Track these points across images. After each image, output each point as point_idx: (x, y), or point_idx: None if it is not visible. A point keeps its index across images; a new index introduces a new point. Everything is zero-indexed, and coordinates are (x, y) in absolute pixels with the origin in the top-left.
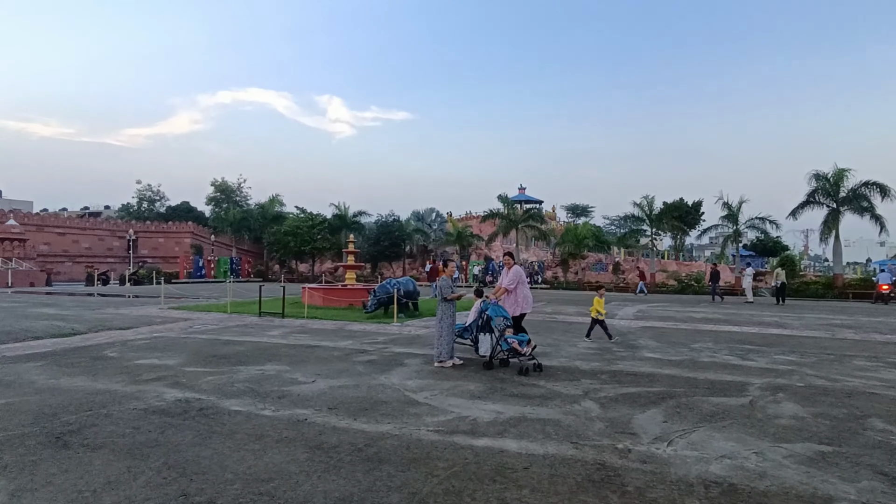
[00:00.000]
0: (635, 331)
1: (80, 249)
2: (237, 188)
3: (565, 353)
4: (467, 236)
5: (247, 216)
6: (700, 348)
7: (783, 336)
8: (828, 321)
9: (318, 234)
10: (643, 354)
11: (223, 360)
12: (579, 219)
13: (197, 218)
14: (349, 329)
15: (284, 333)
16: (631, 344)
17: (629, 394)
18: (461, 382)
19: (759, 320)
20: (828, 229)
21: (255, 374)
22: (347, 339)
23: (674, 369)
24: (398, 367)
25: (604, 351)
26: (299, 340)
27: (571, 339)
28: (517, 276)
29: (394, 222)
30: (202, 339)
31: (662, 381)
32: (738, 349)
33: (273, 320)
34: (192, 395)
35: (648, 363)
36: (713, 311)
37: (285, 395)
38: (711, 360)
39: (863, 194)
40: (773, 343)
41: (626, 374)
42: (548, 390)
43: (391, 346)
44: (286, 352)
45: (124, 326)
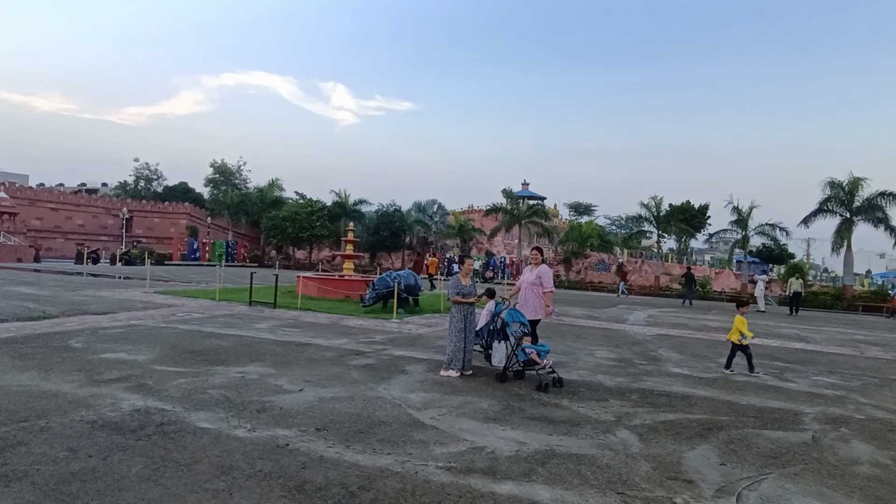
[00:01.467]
0: (652, 339)
1: (74, 226)
2: (236, 170)
3: (583, 363)
4: (469, 230)
5: (245, 199)
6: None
7: (810, 352)
8: (850, 336)
9: (316, 220)
10: (669, 369)
11: (201, 358)
12: (582, 217)
13: (194, 199)
14: (345, 324)
15: (274, 327)
16: (652, 355)
17: (669, 422)
18: (472, 398)
19: (777, 332)
20: (840, 239)
21: (233, 378)
22: (342, 337)
23: (709, 390)
24: (399, 375)
25: (625, 363)
26: (289, 336)
27: (586, 347)
28: (550, 275)
29: (395, 212)
30: (182, 331)
31: (702, 406)
32: (769, 367)
33: (263, 310)
34: (155, 403)
35: (678, 381)
36: (728, 319)
37: (266, 408)
38: (746, 380)
39: (878, 205)
40: (803, 360)
41: (657, 394)
42: (573, 413)
43: (390, 347)
44: (273, 350)
45: (101, 311)
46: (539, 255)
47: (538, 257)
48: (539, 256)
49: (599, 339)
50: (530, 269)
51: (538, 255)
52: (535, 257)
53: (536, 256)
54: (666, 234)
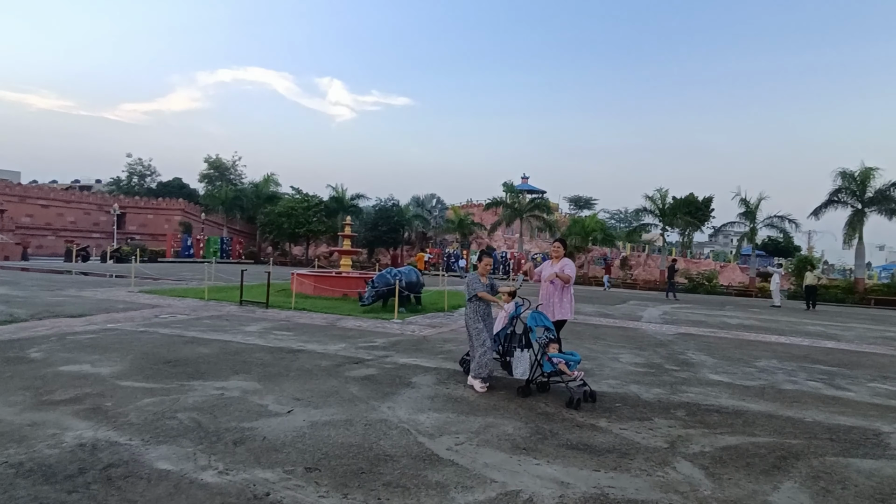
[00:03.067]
0: (675, 339)
1: (65, 223)
2: (232, 166)
3: (610, 370)
4: (468, 224)
5: (240, 195)
6: (768, 367)
7: (847, 352)
8: (879, 333)
9: (313, 216)
10: (707, 376)
11: (176, 370)
12: (582, 211)
13: (189, 195)
14: (342, 326)
15: (264, 330)
16: (682, 359)
17: (733, 449)
18: (494, 420)
19: (802, 329)
20: (852, 231)
21: (211, 397)
22: (339, 341)
23: (761, 402)
24: (404, 390)
25: (656, 369)
26: (280, 341)
27: (608, 350)
28: (573, 268)
29: (393, 207)
30: (161, 336)
31: (762, 425)
32: (814, 371)
33: (255, 311)
34: (108, 434)
35: (722, 391)
36: (747, 316)
37: (245, 438)
38: (797, 389)
39: (891, 195)
40: (847, 363)
41: (705, 409)
42: (617, 438)
43: (393, 352)
44: (261, 359)
45: (76, 314)
46: (562, 247)
47: (561, 250)
48: (562, 249)
49: (620, 339)
50: (551, 265)
51: (561, 248)
52: (556, 250)
53: (559, 249)
54: (671, 226)
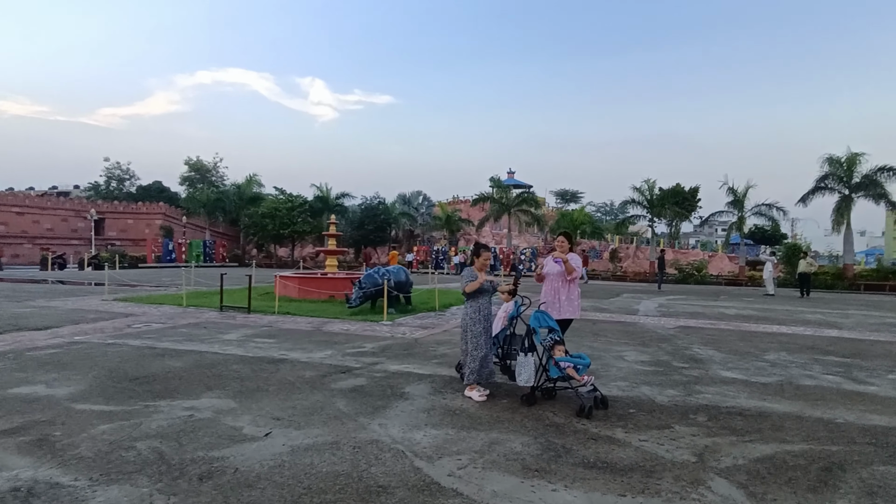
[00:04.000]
0: (677, 333)
1: (41, 230)
2: (213, 168)
3: (616, 370)
4: (456, 221)
5: (222, 197)
6: (779, 361)
7: (854, 342)
8: (879, 320)
9: (298, 216)
10: (719, 373)
11: (142, 388)
12: (569, 205)
13: (170, 199)
14: (328, 330)
15: (244, 338)
16: (689, 355)
17: (768, 459)
18: (499, 435)
19: (801, 318)
20: (840, 217)
21: (178, 420)
22: (325, 348)
23: (784, 402)
24: (397, 403)
25: (664, 367)
26: (261, 350)
27: (611, 347)
28: (579, 262)
29: (379, 205)
30: (130, 349)
31: (792, 429)
32: (827, 363)
33: (236, 316)
34: (50, 473)
35: (740, 390)
36: (743, 305)
37: (213, 472)
38: (816, 384)
39: (877, 180)
40: (857, 353)
41: (726, 412)
42: (639, 452)
43: (383, 359)
44: (238, 371)
45: (41, 326)
46: (567, 241)
47: (566, 244)
48: (566, 243)
49: (620, 335)
50: (554, 260)
51: (565, 242)
52: (561, 244)
53: (563, 243)
54: (659, 217)
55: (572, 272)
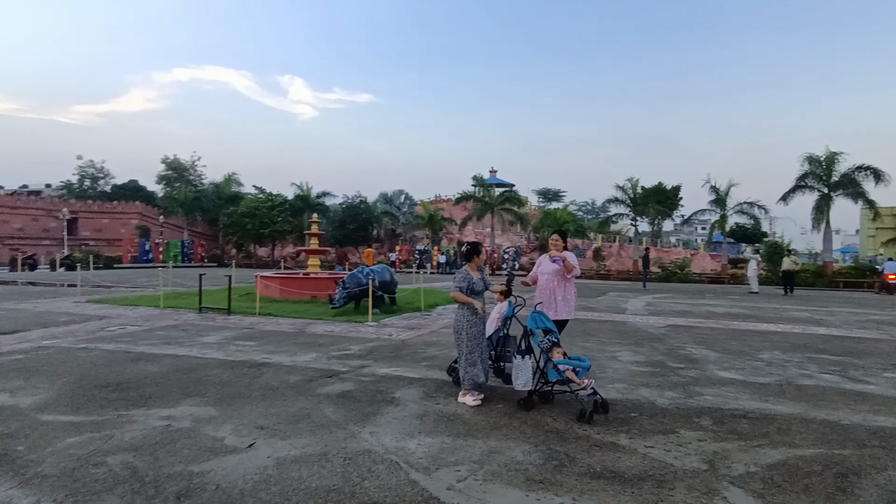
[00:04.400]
0: (668, 333)
1: (11, 230)
2: (191, 166)
3: (613, 371)
4: (439, 220)
5: (200, 196)
6: (774, 360)
7: (843, 339)
8: (864, 317)
9: (278, 215)
10: (716, 373)
11: (115, 396)
12: (551, 203)
13: (146, 198)
14: (312, 332)
15: (224, 341)
16: (683, 355)
17: (780, 465)
18: (498, 443)
19: (788, 316)
20: (820, 215)
21: (154, 430)
22: (309, 351)
23: (786, 403)
24: (388, 409)
25: (660, 367)
26: (242, 353)
27: (604, 347)
28: (576, 260)
29: (360, 204)
30: (104, 353)
31: (799, 432)
32: (822, 362)
33: (215, 318)
34: (8, 493)
35: (740, 391)
36: (729, 304)
37: (192, 490)
38: (816, 384)
39: (855, 179)
40: (850, 351)
41: (730, 415)
42: (645, 460)
43: (371, 362)
44: (218, 376)
45: (8, 330)
46: (561, 239)
47: (560, 243)
48: (561, 242)
49: (611, 335)
50: (550, 260)
51: (560, 241)
52: (556, 243)
53: (558, 242)
54: (642, 216)
55: (571, 270)
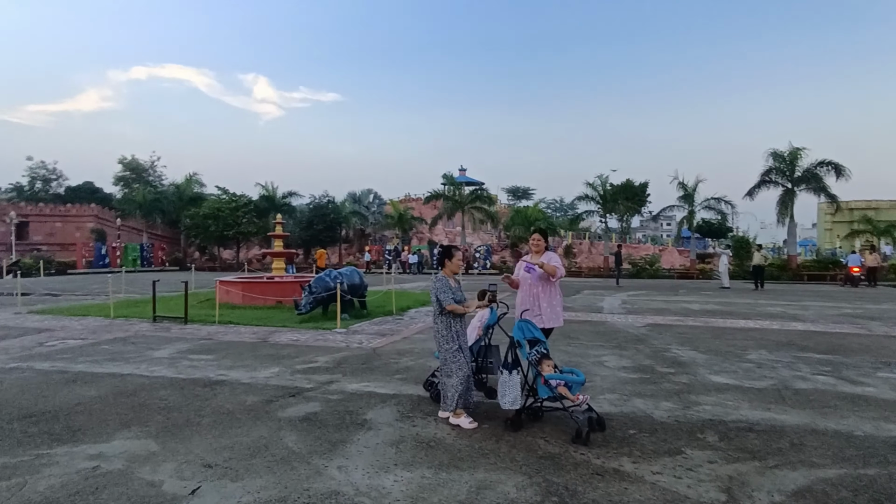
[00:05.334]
0: (649, 333)
1: None
2: (150, 167)
3: (600, 378)
4: (408, 219)
5: (160, 197)
6: (763, 360)
7: (824, 334)
8: (837, 311)
9: (243, 216)
10: (708, 377)
11: (38, 429)
12: (520, 201)
13: (102, 200)
14: (275, 342)
15: (177, 355)
16: (670, 357)
17: (806, 491)
18: (487, 475)
19: (763, 311)
20: (784, 209)
21: (76, 475)
22: (271, 364)
23: (789, 410)
24: (358, 434)
25: (650, 373)
26: (196, 369)
27: (587, 351)
28: (559, 261)
29: (328, 204)
30: (35, 374)
31: (814, 447)
32: (811, 361)
33: (171, 328)
34: None
35: (739, 399)
36: (704, 300)
37: None
38: (813, 387)
39: (817, 174)
40: (834, 348)
41: (735, 428)
42: (656, 490)
43: (339, 375)
44: (165, 399)
45: None
46: (542, 239)
47: (542, 243)
48: (542, 242)
49: (592, 336)
50: (526, 268)
51: (541, 241)
52: (536, 243)
53: (539, 242)
54: (612, 212)
55: (554, 273)
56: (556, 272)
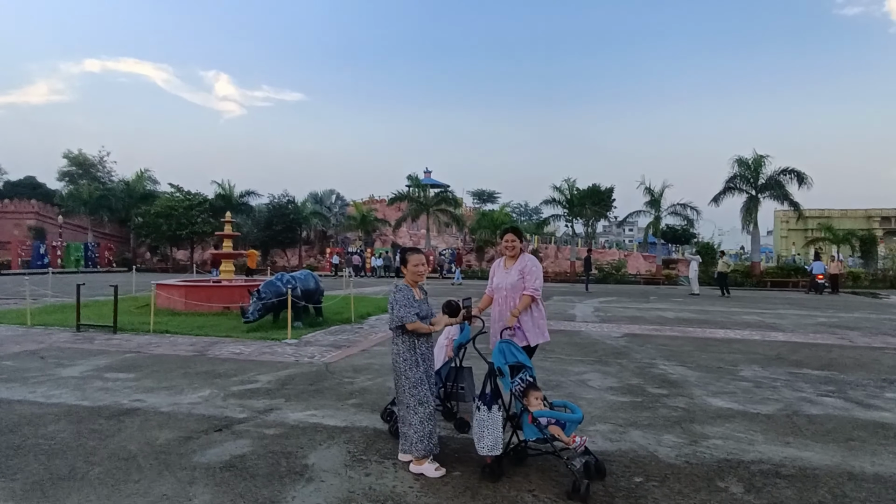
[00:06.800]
0: (629, 344)
1: None
2: (98, 162)
3: (587, 403)
4: (372, 221)
5: (107, 194)
6: (760, 379)
7: (810, 346)
8: (812, 320)
9: (197, 215)
10: (706, 401)
11: None
12: (486, 205)
13: (45, 196)
14: (214, 356)
15: (91, 373)
16: (658, 375)
17: None
18: None
19: (739, 320)
20: (748, 216)
21: None
22: (203, 385)
23: (812, 445)
24: (295, 489)
25: (641, 395)
26: (107, 393)
27: (567, 368)
28: (539, 272)
29: (288, 204)
30: None
31: (854, 497)
32: (811, 379)
33: (95, 338)
34: None
35: (748, 428)
36: (677, 307)
37: None
38: (826, 413)
39: (780, 181)
40: (828, 363)
41: (758, 470)
42: None
43: (281, 400)
44: (52, 437)
45: None
46: (517, 239)
47: (516, 244)
48: (517, 243)
49: (569, 349)
50: (504, 269)
51: (516, 240)
52: (510, 244)
53: (513, 243)
54: (578, 217)
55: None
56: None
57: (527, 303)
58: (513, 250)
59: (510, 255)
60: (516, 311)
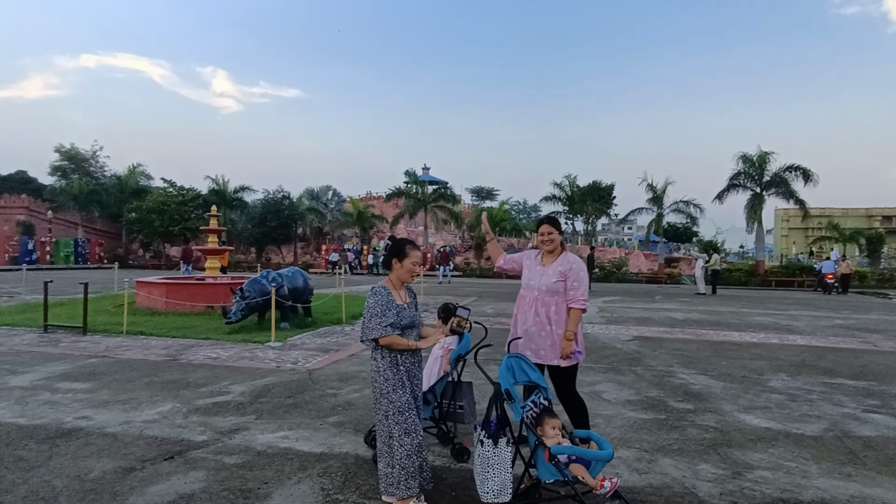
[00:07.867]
0: (640, 349)
1: None
2: (91, 157)
3: (605, 422)
4: (368, 217)
5: (99, 189)
6: (792, 391)
7: (834, 351)
8: (827, 322)
9: (191, 211)
10: (739, 418)
11: None
12: (484, 202)
13: (37, 190)
14: (187, 361)
15: (40, 383)
16: (679, 385)
17: None
18: None
19: (753, 322)
20: (753, 214)
21: None
22: (165, 398)
23: (883, 481)
24: None
25: (665, 412)
26: (51, 408)
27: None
28: (585, 277)
29: (283, 199)
30: None
31: None
32: (848, 391)
33: (62, 340)
34: None
35: (797, 456)
36: (685, 308)
37: None
38: (879, 434)
39: (785, 178)
40: (859, 372)
41: None
42: None
43: (252, 417)
44: None
45: None
46: (555, 231)
47: (555, 239)
48: (556, 237)
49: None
50: (538, 261)
51: (554, 235)
52: (546, 237)
53: (550, 237)
54: (579, 214)
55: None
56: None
57: (577, 319)
58: (551, 244)
59: (548, 250)
60: (570, 333)
